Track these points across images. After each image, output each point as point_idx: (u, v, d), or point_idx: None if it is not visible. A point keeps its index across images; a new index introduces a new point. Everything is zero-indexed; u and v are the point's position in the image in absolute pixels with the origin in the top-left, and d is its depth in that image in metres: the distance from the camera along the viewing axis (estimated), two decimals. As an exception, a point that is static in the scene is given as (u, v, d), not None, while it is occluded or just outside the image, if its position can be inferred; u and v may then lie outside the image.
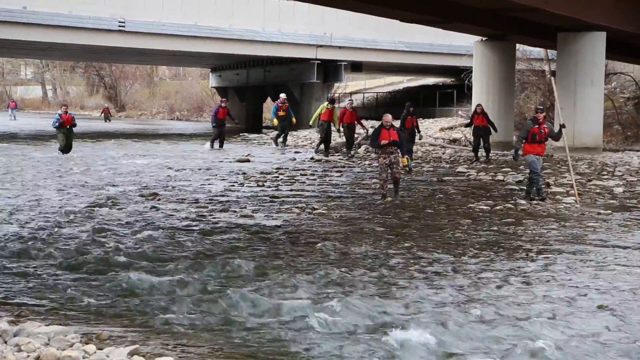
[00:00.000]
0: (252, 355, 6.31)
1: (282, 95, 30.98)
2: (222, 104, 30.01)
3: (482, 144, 24.41)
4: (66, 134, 25.90)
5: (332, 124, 26.82)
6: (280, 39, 44.03)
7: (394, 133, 15.67)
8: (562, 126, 16.31)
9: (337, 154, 26.45)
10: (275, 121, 30.37)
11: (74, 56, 62.01)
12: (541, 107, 16.34)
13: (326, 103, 27.51)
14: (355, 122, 26.46)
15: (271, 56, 46.83)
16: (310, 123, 29.10)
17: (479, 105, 25.05)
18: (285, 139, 31.04)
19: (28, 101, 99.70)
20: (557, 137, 16.58)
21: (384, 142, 15.52)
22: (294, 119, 30.69)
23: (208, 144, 30.23)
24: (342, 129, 26.40)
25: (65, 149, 25.91)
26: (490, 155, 24.75)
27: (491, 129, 24.45)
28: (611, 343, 6.74)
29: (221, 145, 29.69)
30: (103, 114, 64.70)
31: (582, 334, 6.97)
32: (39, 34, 38.32)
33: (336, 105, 28.67)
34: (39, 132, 43.71)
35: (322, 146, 27.18)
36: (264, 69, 51.44)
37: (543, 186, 16.24)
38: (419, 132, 24.17)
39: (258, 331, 6.92)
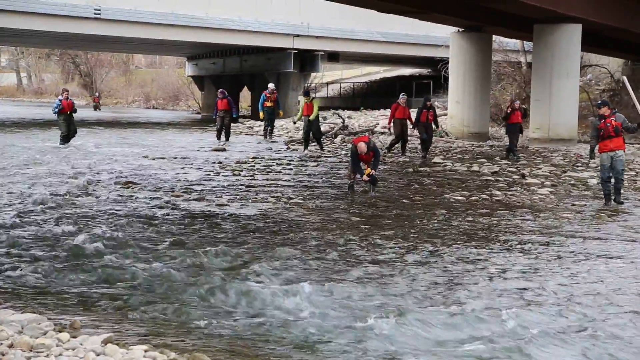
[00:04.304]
0: (227, 343, 6.31)
1: (271, 85, 30.08)
2: (220, 95, 28.57)
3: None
4: (67, 120, 25.14)
5: (316, 117, 24.47)
6: (257, 28, 43.91)
7: (370, 155, 15.27)
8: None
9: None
10: (261, 114, 29.33)
11: (50, 43, 61.55)
12: (602, 102, 15.05)
13: (303, 98, 25.41)
14: (407, 118, 23.94)
15: (248, 45, 46.70)
16: (295, 119, 27.29)
17: (516, 100, 23.90)
18: (271, 132, 30.08)
19: (2, 88, 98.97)
20: (632, 130, 15.02)
21: (364, 169, 15.38)
22: (281, 112, 30.04)
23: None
24: (391, 126, 24.29)
25: (68, 135, 25.24)
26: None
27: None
28: (574, 336, 6.75)
29: (227, 138, 28.47)
30: (93, 103, 64.07)
31: (548, 325, 6.99)
32: (14, 21, 38.00)
33: (313, 96, 26.69)
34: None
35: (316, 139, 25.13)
36: (240, 58, 51.34)
37: (609, 191, 14.79)
38: (437, 125, 23.84)
39: (234, 319, 6.92)
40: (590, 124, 15.32)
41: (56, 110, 25.09)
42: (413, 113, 23.81)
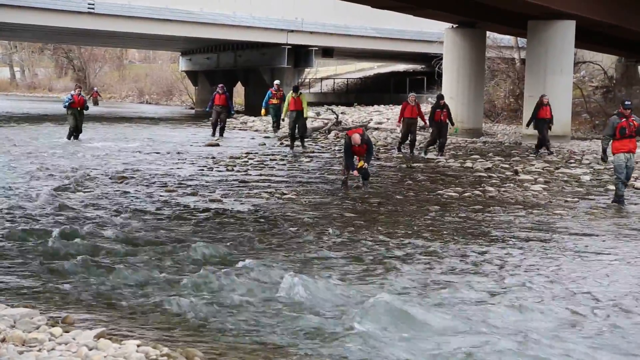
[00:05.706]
0: (220, 338, 6.31)
1: (277, 82, 29.89)
2: (219, 90, 28.33)
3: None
4: (76, 115, 25.18)
5: (302, 113, 23.80)
6: (251, 23, 43.87)
7: (364, 148, 15.25)
8: None
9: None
10: (263, 112, 28.99)
11: (43, 38, 61.42)
12: (629, 103, 14.35)
13: (291, 92, 24.56)
14: (418, 117, 23.47)
15: (242, 40, 46.67)
16: (282, 116, 26.97)
17: (545, 96, 23.50)
18: (277, 128, 29.74)
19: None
20: None
21: (356, 163, 15.34)
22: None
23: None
24: (400, 125, 23.91)
25: (75, 131, 25.32)
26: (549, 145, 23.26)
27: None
28: (565, 334, 6.77)
29: (221, 134, 28.18)
30: (92, 98, 63.83)
31: (538, 322, 7.00)
32: (7, 15, 37.89)
33: (302, 92, 25.79)
34: None
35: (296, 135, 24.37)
36: (234, 53, 51.28)
37: (623, 192, 14.38)
38: (452, 124, 23.32)
39: (226, 314, 6.91)
40: (608, 122, 14.66)
41: (67, 104, 25.16)
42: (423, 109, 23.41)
